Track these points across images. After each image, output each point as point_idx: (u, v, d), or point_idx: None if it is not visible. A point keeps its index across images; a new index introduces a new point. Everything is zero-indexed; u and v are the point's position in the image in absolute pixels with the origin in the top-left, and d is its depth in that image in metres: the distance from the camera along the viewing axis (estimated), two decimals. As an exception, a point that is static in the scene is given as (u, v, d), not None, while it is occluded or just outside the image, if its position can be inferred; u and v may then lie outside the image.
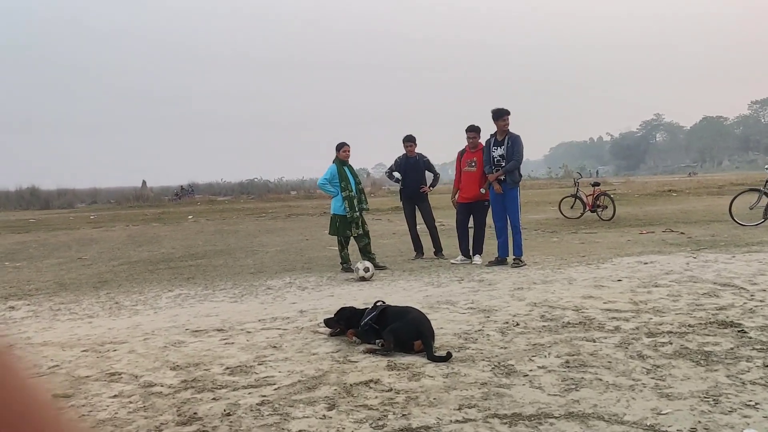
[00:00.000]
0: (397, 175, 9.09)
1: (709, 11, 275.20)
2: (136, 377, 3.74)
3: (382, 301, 4.53)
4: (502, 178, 7.71)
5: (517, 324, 4.58)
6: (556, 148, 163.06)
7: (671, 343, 3.89)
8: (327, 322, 4.64)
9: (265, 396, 3.28)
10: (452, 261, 8.25)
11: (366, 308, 4.53)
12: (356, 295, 6.11)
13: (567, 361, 3.62)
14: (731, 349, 3.72)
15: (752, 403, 2.87)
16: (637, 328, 4.30)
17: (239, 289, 6.83)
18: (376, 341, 4.13)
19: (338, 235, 8.07)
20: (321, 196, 26.23)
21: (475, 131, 8.18)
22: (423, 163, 9.00)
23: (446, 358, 3.74)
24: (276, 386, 3.43)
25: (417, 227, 9.06)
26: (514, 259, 7.71)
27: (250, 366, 3.83)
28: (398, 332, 4.01)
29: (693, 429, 2.63)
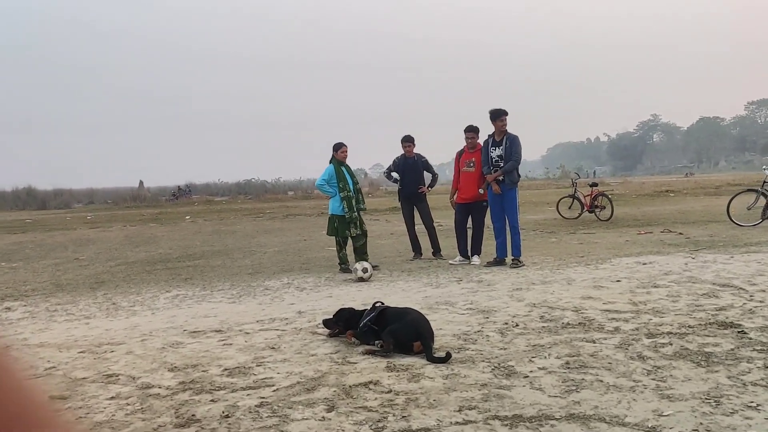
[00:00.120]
0: (395, 175, 9.07)
1: (706, 12, 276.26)
2: (134, 379, 3.71)
3: (381, 302, 4.51)
4: (501, 178, 7.70)
5: (517, 325, 4.56)
6: (553, 148, 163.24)
7: (671, 344, 3.87)
8: (326, 322, 4.61)
9: (263, 397, 3.26)
10: (451, 262, 8.23)
11: (365, 309, 4.51)
12: (355, 296, 6.09)
13: (567, 362, 3.61)
14: (731, 350, 3.71)
15: (754, 404, 2.86)
16: (637, 328, 4.29)
17: (237, 290, 6.80)
18: (375, 342, 4.11)
19: (336, 235, 8.05)
20: (318, 196, 26.20)
21: (473, 131, 8.17)
22: (421, 164, 8.98)
23: (446, 359, 3.72)
24: (275, 388, 3.41)
25: (415, 227, 9.05)
26: (513, 260, 7.69)
27: (249, 367, 3.81)
28: (397, 333, 3.99)
29: (695, 431, 2.62)
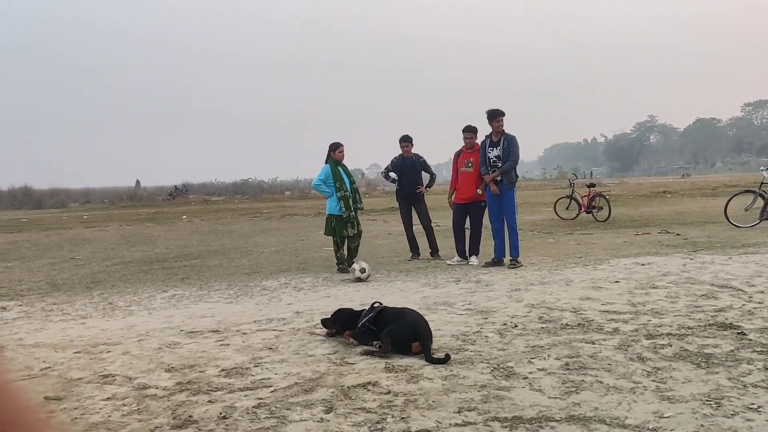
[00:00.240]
0: (393, 175, 9.04)
1: (703, 13, 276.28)
2: (130, 379, 3.68)
3: (379, 303, 4.49)
4: (499, 179, 7.69)
5: (516, 325, 4.54)
6: (550, 149, 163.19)
7: (671, 345, 3.86)
8: (324, 322, 4.60)
9: (261, 398, 3.23)
10: (449, 262, 8.21)
11: (363, 309, 4.49)
12: (353, 296, 6.06)
13: (567, 364, 3.59)
14: (731, 351, 3.69)
15: (755, 406, 2.85)
16: (636, 330, 4.28)
17: (234, 290, 6.77)
18: (374, 343, 4.09)
19: (334, 235, 8.03)
20: (315, 196, 26.18)
21: (471, 131, 8.15)
22: (419, 164, 8.96)
23: (445, 360, 3.70)
24: (272, 388, 3.38)
25: (413, 228, 9.02)
26: (511, 260, 7.68)
27: (246, 368, 3.78)
28: (396, 334, 3.97)
29: (696, 432, 2.60)
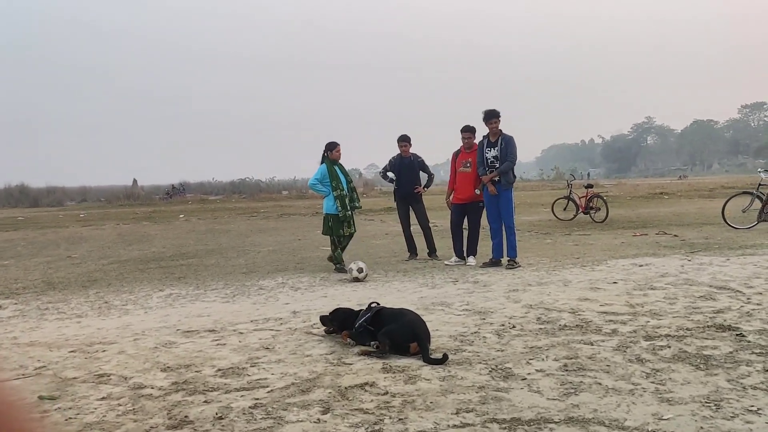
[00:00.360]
0: (391, 175, 9.02)
1: (701, 15, 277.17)
2: (126, 379, 3.65)
3: (377, 303, 4.46)
4: (497, 179, 7.67)
5: (514, 326, 4.52)
6: (547, 150, 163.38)
7: (670, 347, 3.84)
8: (322, 319, 4.58)
9: (257, 399, 3.21)
10: (446, 262, 8.19)
11: (361, 309, 4.46)
12: (350, 296, 6.04)
13: (565, 365, 3.57)
14: (730, 352, 3.68)
15: (754, 408, 2.83)
16: (635, 331, 4.26)
17: (231, 289, 6.74)
18: (371, 343, 4.07)
19: (331, 234, 8.01)
20: (313, 196, 26.13)
21: (470, 131, 8.12)
22: (417, 164, 8.95)
23: (442, 360, 3.68)
24: (269, 389, 3.35)
25: (411, 228, 9.00)
26: (509, 261, 7.67)
27: (243, 368, 3.75)
28: (393, 334, 3.95)
29: (695, 435, 2.59)
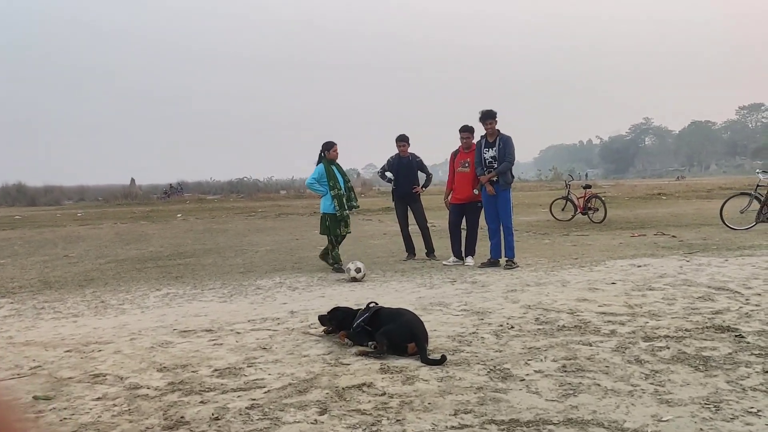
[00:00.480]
0: (389, 175, 9.01)
1: (699, 17, 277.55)
2: (122, 379, 3.62)
3: (375, 303, 4.44)
4: (495, 179, 7.65)
5: (512, 327, 4.50)
6: (545, 150, 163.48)
7: (669, 348, 3.83)
8: (321, 318, 4.57)
9: (254, 399, 3.18)
10: (444, 262, 8.17)
11: (359, 309, 4.44)
12: (348, 296, 6.02)
13: (564, 366, 3.55)
14: (729, 354, 3.66)
15: (754, 410, 2.81)
16: (634, 332, 4.24)
17: (228, 289, 6.71)
18: (369, 343, 4.04)
19: (329, 234, 7.99)
20: (311, 195, 26.10)
21: (468, 131, 8.10)
22: (416, 164, 8.93)
23: (441, 361, 3.66)
24: (266, 389, 3.33)
25: (409, 228, 8.98)
26: (507, 261, 7.65)
27: (240, 368, 3.73)
28: (391, 334, 3.92)
29: (695, 436, 2.57)
